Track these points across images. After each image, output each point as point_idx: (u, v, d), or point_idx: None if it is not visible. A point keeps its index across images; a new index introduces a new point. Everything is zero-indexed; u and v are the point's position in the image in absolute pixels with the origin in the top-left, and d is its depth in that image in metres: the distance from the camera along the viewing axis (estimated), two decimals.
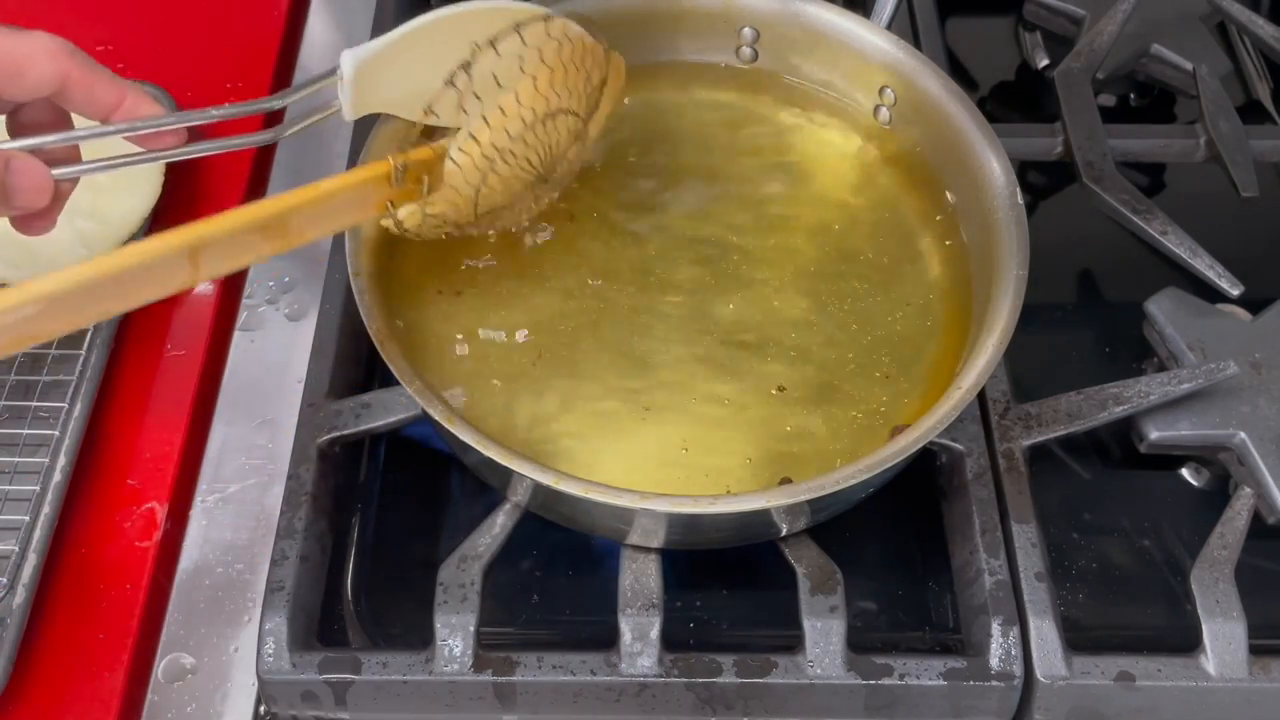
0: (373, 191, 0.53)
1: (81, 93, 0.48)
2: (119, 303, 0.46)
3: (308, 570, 0.55)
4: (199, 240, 0.46)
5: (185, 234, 0.46)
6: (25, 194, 0.47)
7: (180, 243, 0.46)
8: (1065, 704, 0.53)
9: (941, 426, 0.51)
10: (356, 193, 0.53)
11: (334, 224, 0.54)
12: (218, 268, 0.48)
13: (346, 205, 0.53)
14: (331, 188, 0.51)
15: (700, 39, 0.70)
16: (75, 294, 0.44)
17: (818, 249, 0.64)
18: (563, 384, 0.58)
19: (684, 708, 0.53)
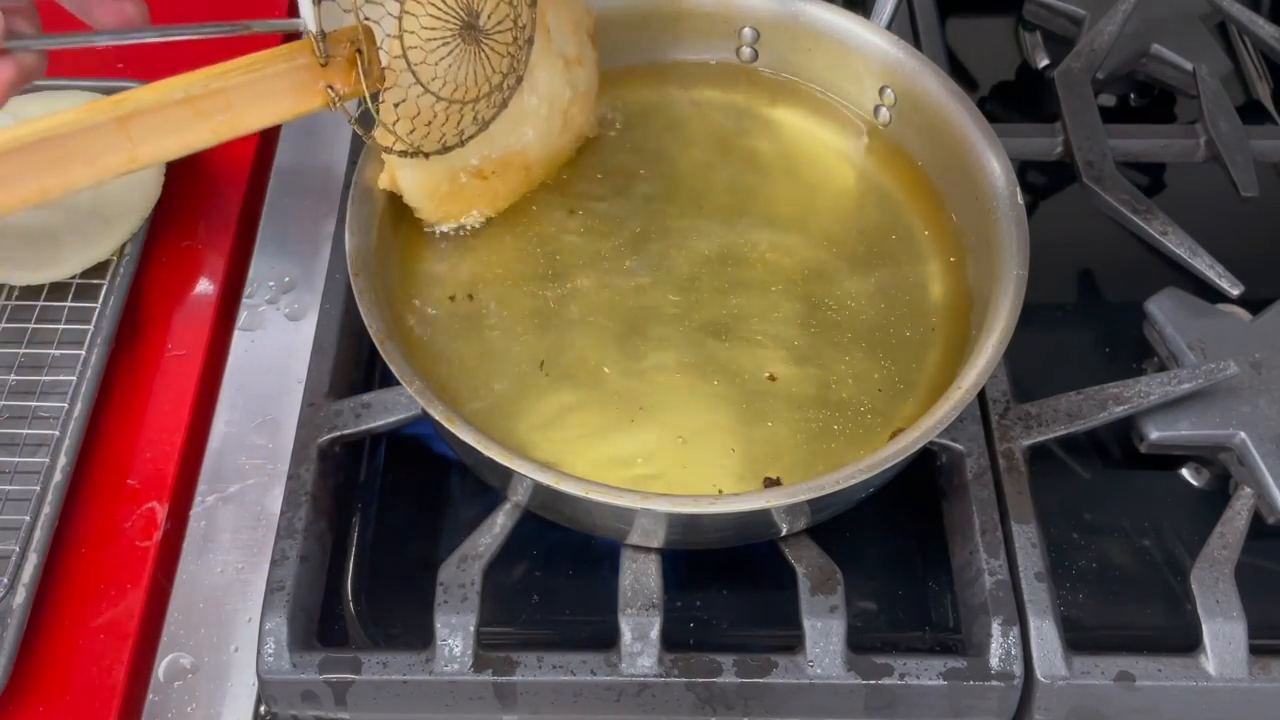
0: (305, 73, 0.51)
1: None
2: (55, 179, 0.44)
3: (308, 570, 0.55)
4: (129, 107, 0.45)
5: (115, 101, 0.45)
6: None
7: (109, 107, 0.44)
8: (1065, 704, 0.53)
9: (941, 426, 0.52)
10: (288, 72, 0.51)
11: (275, 108, 0.51)
12: (156, 147, 0.47)
13: (283, 87, 0.51)
14: (255, 59, 0.50)
15: (701, 39, 0.70)
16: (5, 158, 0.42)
17: (817, 248, 0.64)
18: (562, 383, 0.58)
19: (684, 708, 0.53)
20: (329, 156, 0.75)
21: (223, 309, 0.68)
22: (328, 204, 0.72)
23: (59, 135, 0.43)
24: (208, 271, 0.69)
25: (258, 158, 0.75)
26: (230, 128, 0.49)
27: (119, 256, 0.66)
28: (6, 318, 0.65)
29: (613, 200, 0.65)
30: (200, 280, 0.69)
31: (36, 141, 0.43)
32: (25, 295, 0.65)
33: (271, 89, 0.50)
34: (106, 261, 0.66)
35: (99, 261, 0.66)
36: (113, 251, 0.66)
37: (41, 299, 0.65)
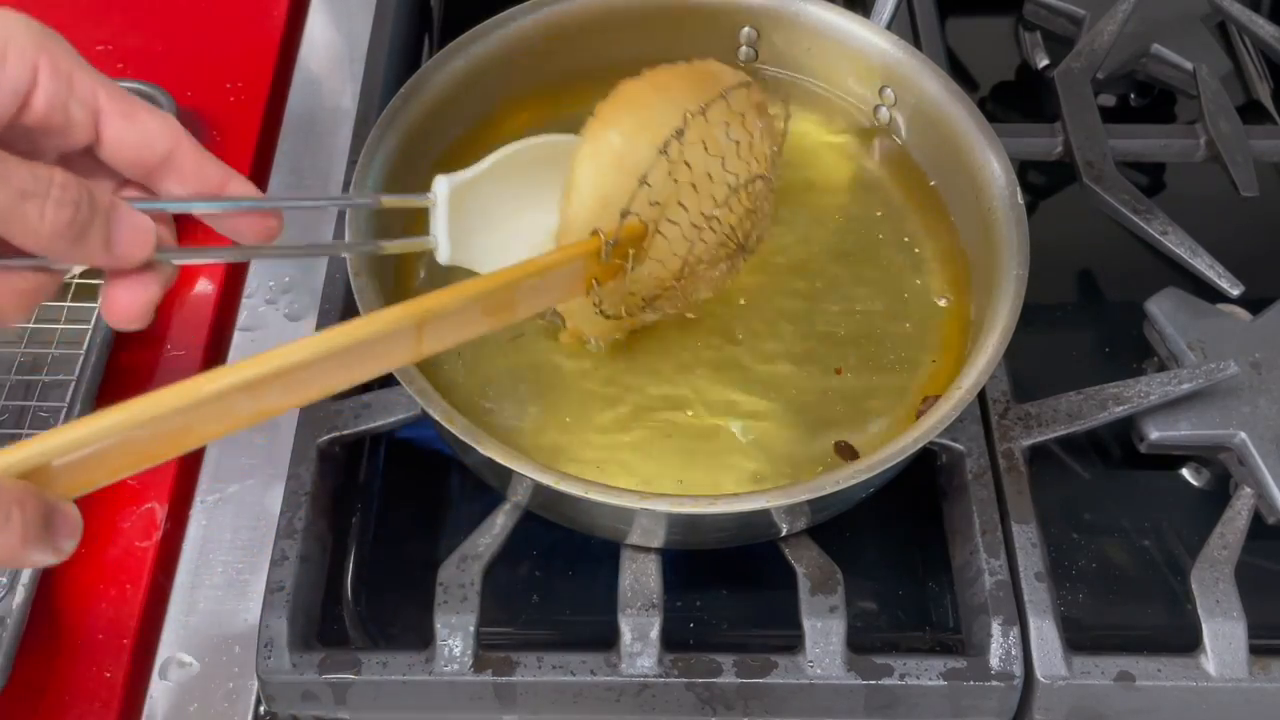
0: (583, 267, 0.53)
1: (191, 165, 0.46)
2: (342, 377, 0.45)
3: (308, 570, 0.55)
4: (428, 313, 0.46)
5: (416, 306, 0.46)
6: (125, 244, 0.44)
7: (412, 315, 0.46)
8: (1065, 704, 0.53)
9: (941, 426, 0.51)
10: (569, 269, 0.52)
11: (545, 300, 0.53)
12: (439, 342, 0.48)
13: (558, 281, 0.52)
14: (547, 263, 0.51)
15: (701, 38, 0.69)
16: (312, 364, 0.43)
17: (817, 249, 0.64)
18: (561, 382, 0.58)
19: (684, 708, 0.53)
20: (329, 157, 0.75)
21: (222, 308, 0.68)
22: None
23: (363, 342, 0.44)
24: (207, 271, 0.69)
25: (258, 158, 0.75)
26: (505, 319, 0.51)
27: None
28: None
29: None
30: (200, 280, 0.69)
31: (342, 350, 0.44)
32: None
33: (550, 284, 0.52)
34: None
35: None
36: None
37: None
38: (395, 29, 0.78)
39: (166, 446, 0.40)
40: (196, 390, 0.40)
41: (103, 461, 0.39)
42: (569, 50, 0.68)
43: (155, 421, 0.40)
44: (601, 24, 0.68)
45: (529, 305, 0.52)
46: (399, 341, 0.46)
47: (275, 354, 0.42)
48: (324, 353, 0.43)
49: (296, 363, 0.42)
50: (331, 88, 0.80)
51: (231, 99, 0.77)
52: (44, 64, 0.41)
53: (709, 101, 0.53)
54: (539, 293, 0.52)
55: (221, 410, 0.41)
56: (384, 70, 0.74)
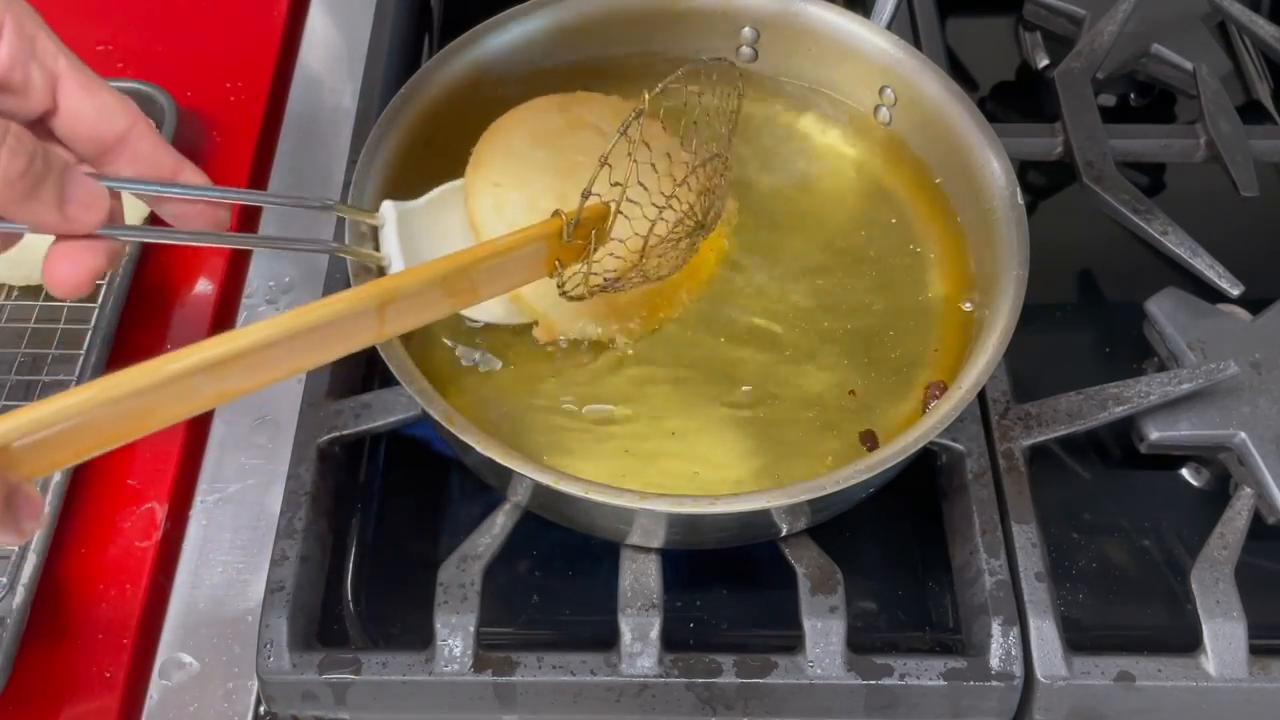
0: (545, 248, 0.54)
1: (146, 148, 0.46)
2: (306, 358, 0.46)
3: (308, 570, 0.55)
4: (389, 293, 0.47)
5: (377, 287, 0.47)
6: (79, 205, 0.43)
7: (373, 295, 0.47)
8: (1065, 704, 0.53)
9: (942, 426, 0.52)
10: (530, 249, 0.53)
11: (507, 282, 0.54)
12: (402, 323, 0.49)
13: (520, 262, 0.53)
14: (508, 243, 0.52)
15: (701, 38, 0.69)
16: (274, 344, 0.43)
17: (817, 248, 0.64)
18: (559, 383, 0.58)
19: (684, 708, 0.53)
20: (328, 157, 0.75)
21: (222, 309, 0.68)
22: None
23: (325, 323, 0.45)
24: (207, 271, 0.69)
25: (258, 158, 0.75)
26: (467, 300, 0.52)
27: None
28: (6, 318, 0.65)
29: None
30: (199, 280, 0.69)
31: (304, 330, 0.44)
32: (25, 295, 0.65)
33: (512, 265, 0.53)
34: None
35: None
36: None
37: (41, 299, 0.65)
38: (395, 29, 0.77)
39: (130, 427, 0.40)
40: (159, 370, 0.40)
41: (66, 442, 0.39)
42: (569, 50, 0.68)
43: (118, 401, 0.39)
44: (601, 24, 0.68)
45: (491, 286, 0.52)
46: (361, 322, 0.47)
47: (239, 334, 0.42)
48: (287, 332, 0.44)
49: (259, 342, 0.43)
50: (331, 88, 0.80)
51: (231, 99, 0.77)
52: (9, 22, 0.41)
53: (666, 81, 0.53)
54: (501, 274, 0.53)
55: (185, 390, 0.41)
56: (384, 70, 0.74)
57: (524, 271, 0.54)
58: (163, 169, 0.47)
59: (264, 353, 0.43)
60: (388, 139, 0.61)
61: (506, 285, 0.54)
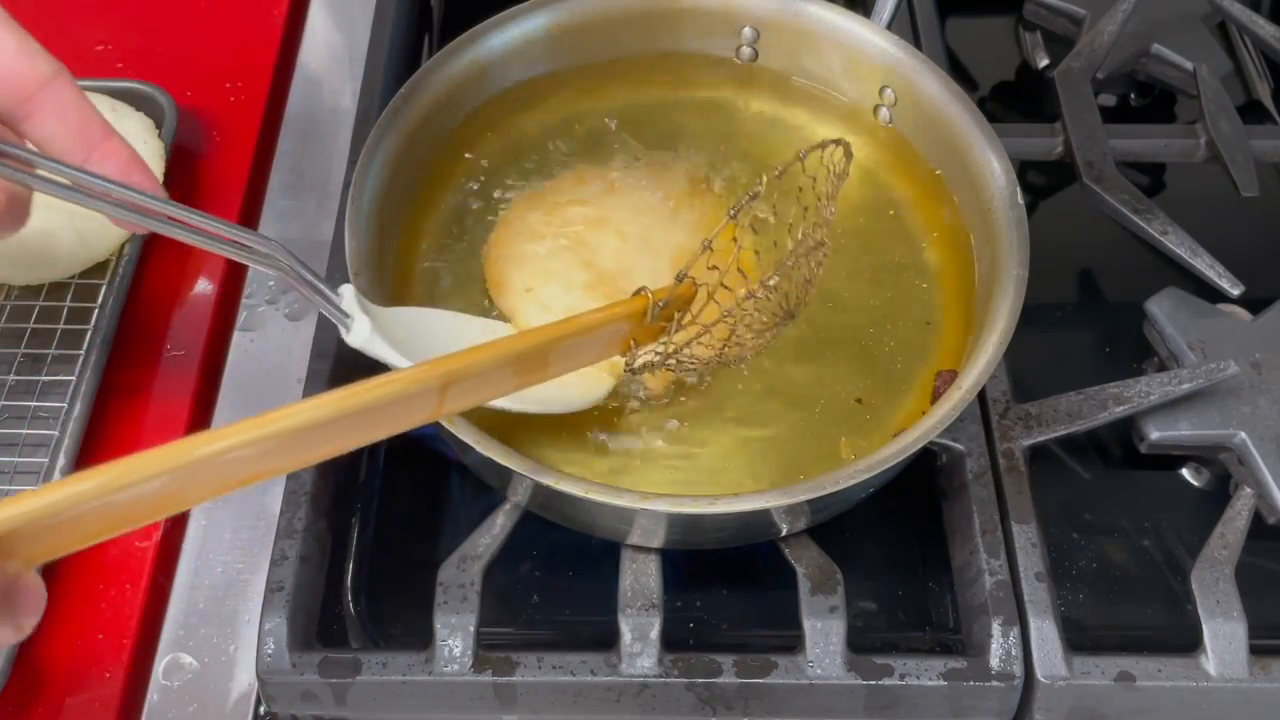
0: (624, 327, 0.50)
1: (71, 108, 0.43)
2: (358, 436, 0.41)
3: (308, 570, 0.55)
4: (456, 373, 0.43)
5: (443, 365, 0.42)
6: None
7: (436, 375, 0.42)
8: (1065, 704, 0.53)
9: (942, 427, 0.51)
10: (610, 329, 0.50)
11: (580, 360, 0.50)
12: (463, 402, 0.44)
13: (596, 342, 0.50)
14: (590, 323, 0.49)
15: (701, 37, 0.70)
16: (319, 426, 0.39)
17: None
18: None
19: (684, 708, 0.53)
20: (328, 157, 0.75)
21: (222, 309, 0.68)
22: (328, 204, 0.72)
23: (380, 404, 0.40)
24: (207, 271, 0.69)
25: (258, 158, 0.75)
26: (536, 379, 0.47)
27: (118, 256, 0.66)
28: (6, 317, 0.65)
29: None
30: (199, 280, 0.69)
31: (356, 411, 0.39)
32: (24, 295, 0.65)
33: (588, 345, 0.49)
34: (106, 261, 0.66)
35: (98, 261, 0.66)
36: (112, 251, 0.66)
37: (41, 299, 0.65)
38: (395, 29, 0.77)
39: (150, 511, 0.36)
40: (188, 453, 0.36)
41: (76, 528, 0.35)
42: (569, 50, 0.68)
43: (138, 485, 0.35)
44: (602, 24, 0.68)
45: (563, 365, 0.49)
46: (419, 402, 0.42)
47: (280, 414, 0.38)
48: (337, 413, 0.39)
49: (303, 424, 0.38)
50: (331, 88, 0.80)
51: (231, 99, 0.77)
52: None
53: (789, 162, 0.50)
54: (575, 352, 0.49)
55: (214, 473, 0.37)
56: (384, 70, 0.74)
57: (599, 350, 0.51)
58: (89, 132, 0.44)
59: (305, 435, 0.38)
60: (388, 139, 0.61)
61: (579, 363, 0.51)
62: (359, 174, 0.59)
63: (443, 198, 0.65)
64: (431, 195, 0.65)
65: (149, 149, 0.69)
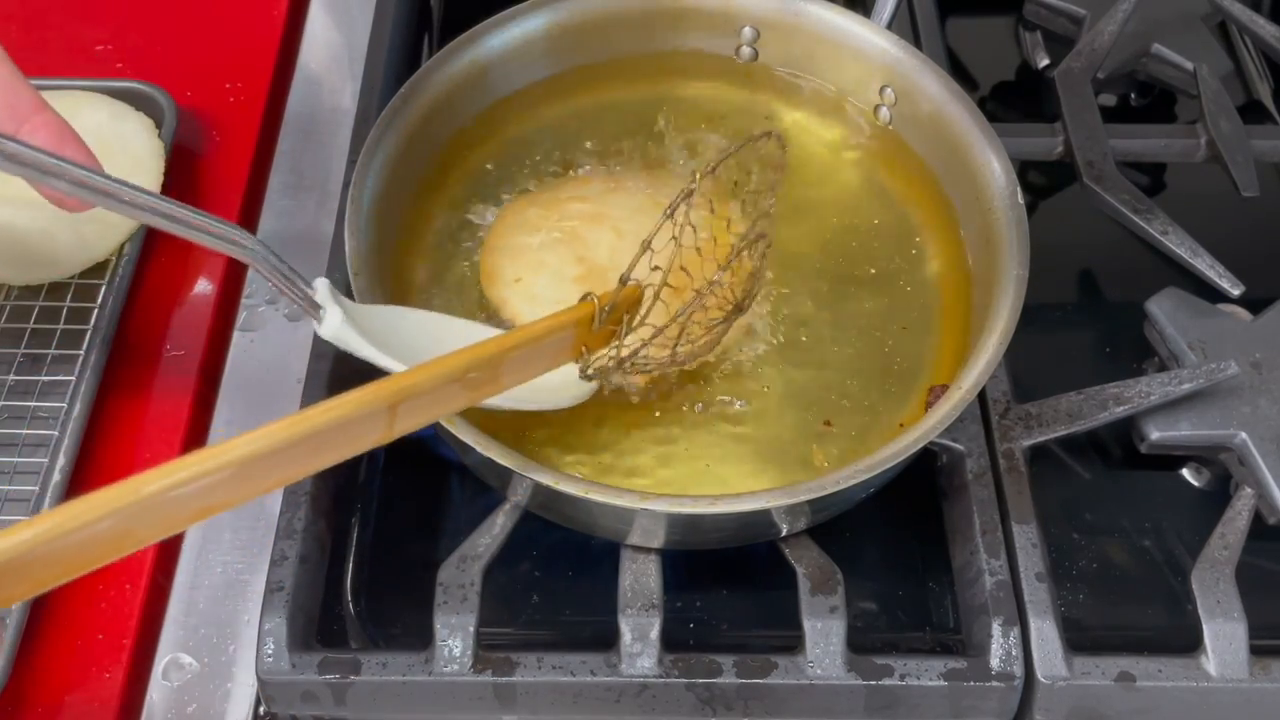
0: (573, 335, 0.50)
1: None
2: (309, 464, 0.41)
3: (307, 570, 0.55)
4: (403, 392, 0.42)
5: (389, 386, 0.42)
6: None
7: (384, 395, 0.42)
8: (1065, 704, 0.53)
9: (942, 427, 0.51)
10: (557, 337, 0.50)
11: (531, 370, 0.50)
12: (413, 421, 0.44)
13: (546, 351, 0.50)
14: (535, 333, 0.48)
15: (701, 37, 0.70)
16: (268, 456, 0.38)
17: (817, 248, 0.64)
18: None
19: (684, 708, 0.53)
20: (328, 157, 0.75)
21: (222, 309, 0.68)
22: (327, 204, 0.72)
23: (327, 429, 0.40)
24: (206, 271, 0.69)
25: (258, 158, 0.75)
26: (488, 392, 0.47)
27: (118, 256, 0.66)
28: (5, 318, 0.65)
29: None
30: (199, 280, 0.69)
31: (303, 438, 0.39)
32: (24, 295, 0.65)
33: (537, 355, 0.49)
34: (105, 261, 0.66)
35: (98, 261, 0.66)
36: (111, 251, 0.66)
37: (40, 299, 0.65)
38: (395, 29, 0.77)
39: (99, 553, 0.36)
40: (135, 492, 0.36)
41: (22, 576, 0.34)
42: (569, 50, 0.68)
43: (85, 529, 0.35)
44: (602, 24, 0.68)
45: (514, 376, 0.49)
46: (369, 424, 0.42)
47: (224, 448, 0.38)
48: (284, 442, 0.39)
49: (248, 455, 0.38)
50: (331, 88, 0.80)
51: (231, 99, 0.77)
52: None
53: (719, 158, 0.51)
54: (525, 363, 0.49)
55: (164, 510, 0.36)
56: (384, 70, 0.74)
57: (549, 358, 0.51)
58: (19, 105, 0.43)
59: (254, 465, 0.38)
60: (387, 139, 0.61)
61: (530, 373, 0.51)
62: (359, 174, 0.59)
63: (443, 198, 0.65)
64: (431, 195, 0.65)
65: (149, 149, 0.69)
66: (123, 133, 0.69)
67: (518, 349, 0.48)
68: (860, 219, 0.65)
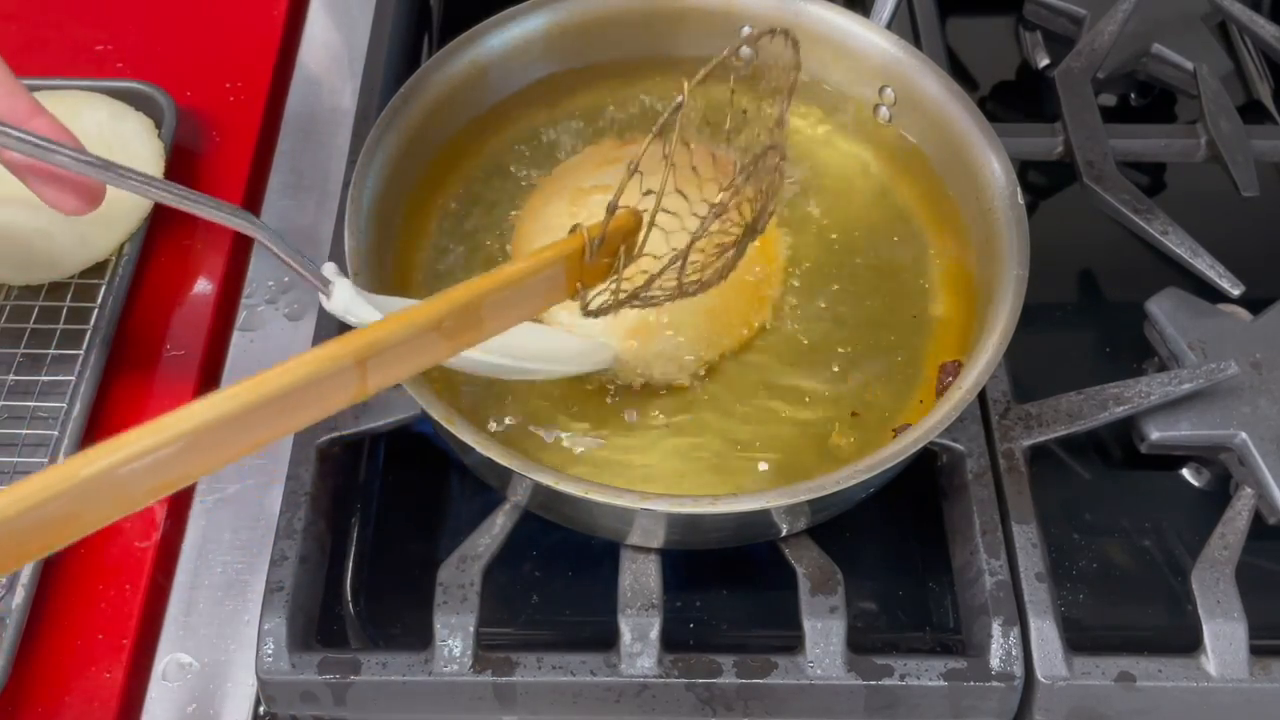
0: (564, 271, 0.47)
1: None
2: (271, 429, 0.38)
3: (307, 570, 0.55)
4: (371, 347, 0.40)
5: (355, 340, 0.39)
6: None
7: (349, 351, 0.39)
8: (1065, 704, 0.53)
9: (942, 427, 0.51)
10: (547, 275, 0.46)
11: (520, 313, 0.46)
12: (390, 375, 0.41)
13: (534, 290, 0.46)
14: (518, 272, 0.45)
15: (701, 38, 0.69)
16: (225, 424, 0.36)
17: (817, 248, 0.64)
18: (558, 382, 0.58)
19: (684, 708, 0.53)
20: (328, 157, 0.75)
21: (221, 309, 0.68)
22: (327, 204, 0.72)
23: (290, 390, 0.37)
24: (206, 271, 0.69)
25: (257, 158, 0.75)
26: (471, 340, 0.44)
27: (117, 256, 0.66)
28: (5, 318, 0.65)
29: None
30: (199, 280, 0.69)
31: (264, 403, 0.37)
32: (24, 295, 0.65)
33: (524, 294, 0.45)
34: (105, 261, 0.66)
35: (98, 261, 0.66)
36: (111, 251, 0.66)
37: (40, 299, 0.65)
38: (395, 29, 0.77)
39: (47, 539, 0.34)
40: (70, 476, 0.33)
41: None
42: (569, 50, 0.68)
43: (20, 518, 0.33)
44: (601, 24, 0.68)
45: (501, 320, 0.45)
46: (337, 383, 0.39)
47: (171, 419, 0.35)
48: (241, 407, 0.36)
49: (202, 424, 0.35)
50: (331, 88, 0.80)
51: (231, 99, 0.77)
52: None
53: (713, 64, 0.46)
54: (511, 305, 0.45)
55: (110, 490, 0.34)
56: (384, 70, 0.74)
57: (539, 299, 0.47)
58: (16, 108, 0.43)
59: (212, 434, 0.36)
60: (387, 139, 0.61)
61: (519, 316, 0.47)
62: (359, 174, 0.59)
63: (443, 198, 0.65)
64: (431, 195, 0.65)
65: (149, 149, 0.69)
66: (123, 133, 0.69)
67: (500, 290, 0.44)
68: (859, 219, 0.65)
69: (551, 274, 0.47)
